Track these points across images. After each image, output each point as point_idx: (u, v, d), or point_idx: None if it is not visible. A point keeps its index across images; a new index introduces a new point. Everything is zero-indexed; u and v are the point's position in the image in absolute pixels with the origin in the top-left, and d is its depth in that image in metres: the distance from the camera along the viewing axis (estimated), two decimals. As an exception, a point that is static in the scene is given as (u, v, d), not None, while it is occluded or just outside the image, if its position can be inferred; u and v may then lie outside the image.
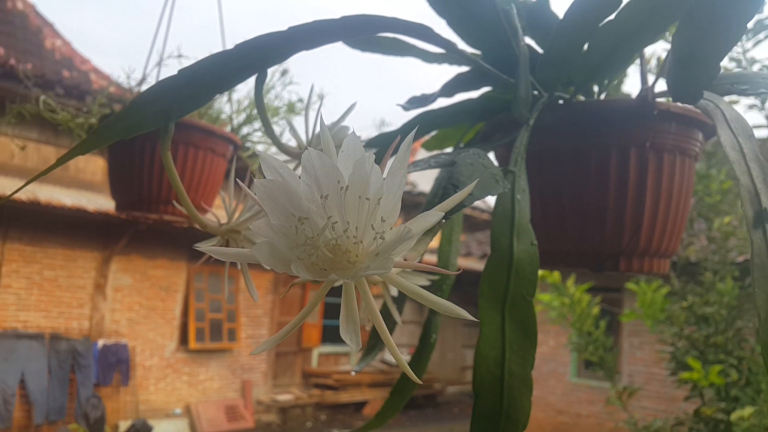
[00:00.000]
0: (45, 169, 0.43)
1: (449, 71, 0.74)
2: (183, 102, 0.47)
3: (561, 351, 7.20)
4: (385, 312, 0.76)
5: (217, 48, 1.32)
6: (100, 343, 7.11)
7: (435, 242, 0.73)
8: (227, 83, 0.48)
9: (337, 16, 0.52)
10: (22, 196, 6.00)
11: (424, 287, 0.51)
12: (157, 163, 1.11)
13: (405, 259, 0.38)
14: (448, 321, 12.06)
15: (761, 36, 2.16)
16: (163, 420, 7.58)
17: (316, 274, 0.27)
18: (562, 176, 0.65)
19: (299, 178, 0.28)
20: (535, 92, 0.63)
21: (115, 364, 7.15)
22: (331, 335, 9.88)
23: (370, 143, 0.67)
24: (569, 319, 2.99)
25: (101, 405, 4.84)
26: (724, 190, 2.57)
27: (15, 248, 6.61)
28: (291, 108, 1.40)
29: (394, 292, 0.69)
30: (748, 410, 2.20)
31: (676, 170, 0.63)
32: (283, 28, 0.51)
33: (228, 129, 1.26)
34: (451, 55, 0.59)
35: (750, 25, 2.13)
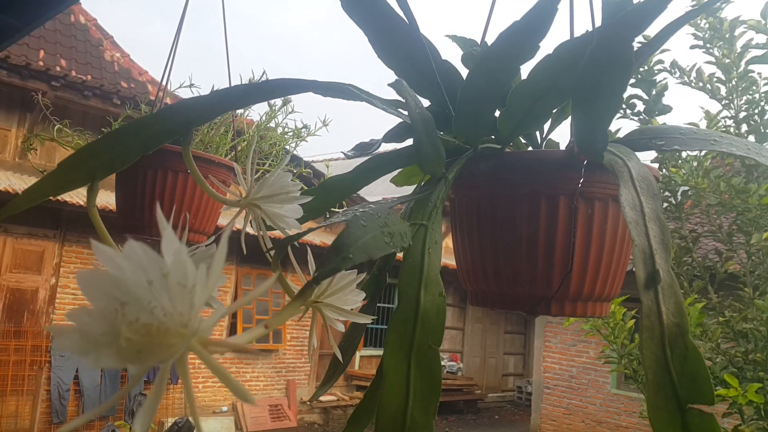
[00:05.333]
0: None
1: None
2: (108, 165, 0.52)
3: (601, 361, 7.07)
4: (344, 345, 0.79)
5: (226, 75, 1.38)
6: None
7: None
8: (152, 145, 0.53)
9: (261, 79, 0.56)
10: (80, 200, 6.33)
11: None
12: (158, 189, 1.18)
13: (266, 327, 0.41)
14: (491, 328, 11.96)
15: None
16: (210, 417, 7.83)
17: (128, 359, 0.31)
18: (497, 222, 0.67)
19: (128, 264, 0.32)
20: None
21: (166, 362, 7.42)
22: (373, 338, 9.97)
23: (310, 192, 0.69)
24: (603, 332, 2.95)
25: (147, 402, 5.04)
26: (764, 204, 2.48)
27: (72, 250, 6.98)
28: (297, 134, 1.45)
29: (340, 327, 0.72)
30: (787, 432, 2.12)
31: (608, 218, 0.64)
32: (206, 92, 0.55)
33: (231, 156, 1.32)
34: (377, 105, 0.62)
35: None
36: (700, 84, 2.28)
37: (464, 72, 0.72)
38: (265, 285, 0.35)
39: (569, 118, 0.72)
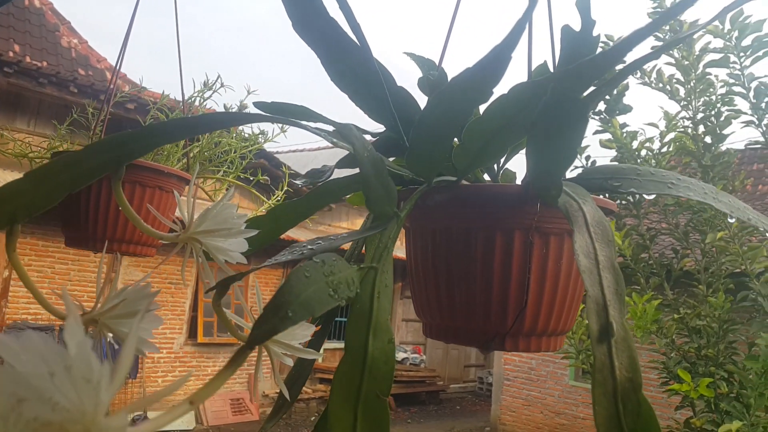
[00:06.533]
0: None
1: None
2: (30, 204, 0.48)
3: (560, 354, 7.23)
4: (294, 375, 0.77)
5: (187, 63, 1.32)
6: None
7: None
8: (80, 183, 0.49)
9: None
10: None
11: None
12: (103, 201, 1.12)
13: (191, 403, 0.38)
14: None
15: (760, 53, 2.12)
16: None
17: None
18: (452, 255, 0.65)
19: (27, 354, 0.29)
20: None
21: (124, 356, 7.27)
22: (336, 331, 9.96)
23: (257, 223, 0.66)
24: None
25: (104, 400, 4.92)
26: (718, 206, 2.54)
27: (27, 242, 6.74)
28: (254, 140, 1.41)
29: (288, 362, 0.69)
30: (736, 424, 2.17)
31: (563, 253, 0.63)
32: (139, 128, 0.51)
33: (183, 163, 1.27)
34: (325, 138, 0.59)
35: (749, 41, 2.10)
36: (660, 85, 2.31)
37: (419, 96, 0.70)
38: (180, 381, 0.32)
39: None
